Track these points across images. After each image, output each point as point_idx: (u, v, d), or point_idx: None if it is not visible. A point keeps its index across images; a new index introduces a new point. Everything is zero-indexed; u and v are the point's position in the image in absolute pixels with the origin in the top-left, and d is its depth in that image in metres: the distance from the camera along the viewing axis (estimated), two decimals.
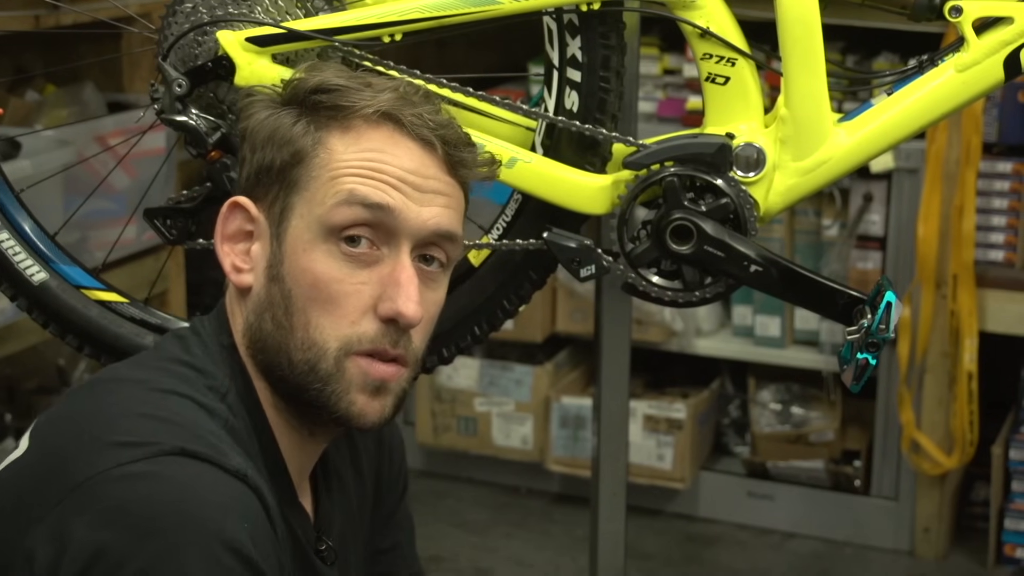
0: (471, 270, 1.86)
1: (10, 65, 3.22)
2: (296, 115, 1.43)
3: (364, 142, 1.41)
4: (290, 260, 1.41)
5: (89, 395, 1.40)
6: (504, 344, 3.76)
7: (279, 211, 1.42)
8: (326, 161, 1.41)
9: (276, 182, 1.42)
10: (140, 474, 1.26)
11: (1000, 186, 3.36)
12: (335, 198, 1.39)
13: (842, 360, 1.73)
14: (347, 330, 1.39)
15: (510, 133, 1.81)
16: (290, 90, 1.45)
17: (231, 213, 1.45)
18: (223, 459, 1.31)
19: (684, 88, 3.60)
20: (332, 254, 1.39)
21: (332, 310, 1.39)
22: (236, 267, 1.45)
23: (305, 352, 1.40)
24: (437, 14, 1.72)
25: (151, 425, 1.31)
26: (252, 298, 1.44)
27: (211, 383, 1.40)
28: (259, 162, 1.43)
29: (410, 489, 1.73)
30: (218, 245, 1.45)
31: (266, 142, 1.43)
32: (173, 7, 1.75)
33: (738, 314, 3.71)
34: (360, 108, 1.42)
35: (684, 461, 3.63)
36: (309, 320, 1.39)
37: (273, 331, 1.41)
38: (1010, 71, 1.73)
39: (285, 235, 1.41)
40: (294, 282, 1.40)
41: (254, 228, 1.44)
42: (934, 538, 3.49)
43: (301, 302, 1.40)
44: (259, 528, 1.30)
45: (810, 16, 1.73)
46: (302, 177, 1.41)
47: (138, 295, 1.90)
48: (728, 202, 1.76)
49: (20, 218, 1.85)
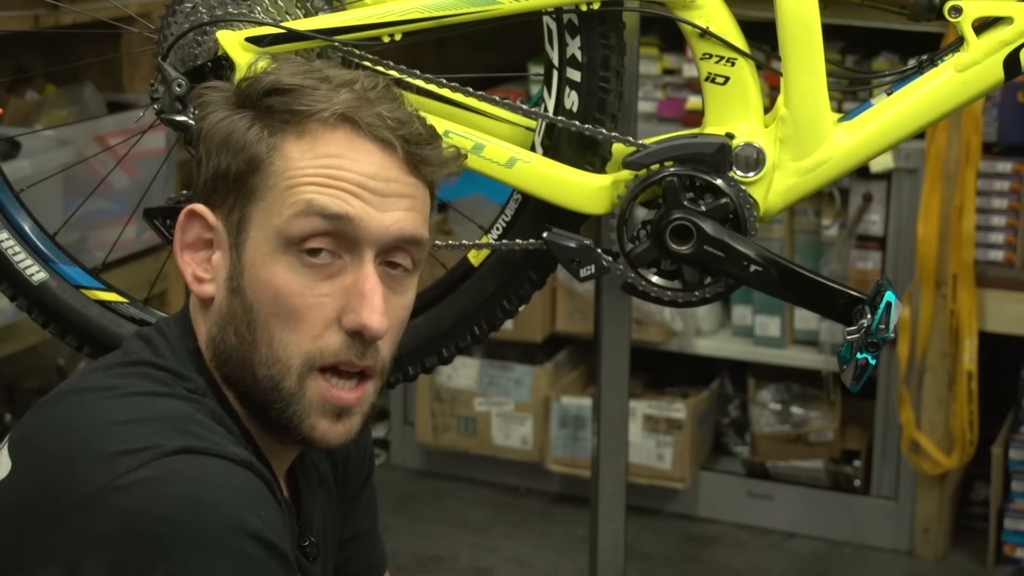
0: (471, 270, 1.86)
1: (10, 65, 3.22)
2: (251, 119, 1.38)
3: (320, 147, 1.36)
4: (250, 273, 1.36)
5: (66, 407, 1.35)
6: (504, 344, 3.76)
7: (236, 220, 1.38)
8: (282, 169, 1.36)
9: (232, 190, 1.38)
10: (147, 479, 1.24)
11: (1000, 186, 3.36)
12: (292, 208, 1.34)
13: (842, 360, 1.73)
14: (309, 345, 1.35)
15: (510, 133, 1.81)
16: (243, 91, 1.40)
17: (189, 221, 1.41)
18: (225, 449, 1.29)
19: (684, 88, 3.60)
20: (292, 266, 1.35)
21: (295, 324, 1.35)
22: (197, 277, 1.41)
23: (269, 368, 1.36)
24: (437, 14, 1.72)
25: (143, 429, 1.28)
26: (214, 309, 1.40)
27: (189, 386, 1.37)
28: (214, 168, 1.38)
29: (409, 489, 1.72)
30: (177, 254, 1.41)
31: (221, 147, 1.38)
32: (173, 7, 1.75)
33: (738, 314, 3.71)
34: (316, 112, 1.36)
35: (684, 461, 3.63)
36: (272, 335, 1.36)
37: (237, 345, 1.38)
38: (1010, 71, 1.73)
39: (244, 246, 1.37)
40: (255, 296, 1.36)
41: (213, 236, 1.40)
42: (934, 538, 3.49)
43: (263, 316, 1.36)
44: (272, 512, 1.29)
45: (810, 16, 1.73)
46: (258, 186, 1.36)
47: (138, 295, 1.90)
48: (728, 202, 1.76)
49: (20, 218, 1.85)
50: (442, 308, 1.86)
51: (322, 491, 1.56)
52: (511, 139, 1.80)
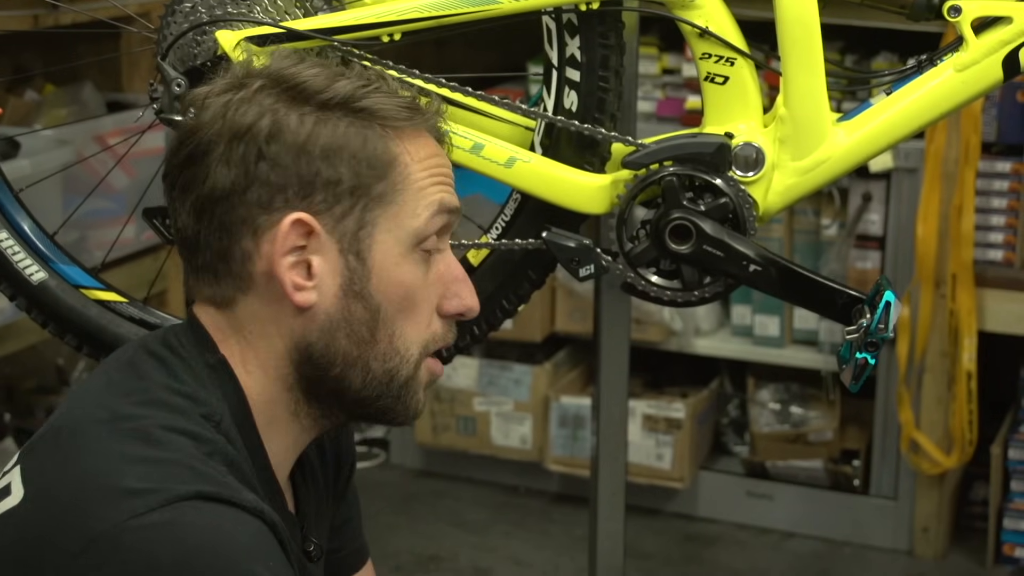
0: (470, 270, 1.86)
1: (9, 65, 3.22)
2: (354, 126, 1.38)
3: (423, 149, 1.42)
4: (379, 276, 1.39)
5: (80, 439, 1.32)
6: (503, 344, 3.75)
7: (354, 227, 1.38)
8: (407, 174, 1.40)
9: (347, 197, 1.37)
10: (160, 523, 1.23)
11: (999, 186, 3.35)
12: (428, 209, 1.40)
13: (841, 360, 1.73)
14: (424, 333, 1.42)
15: (509, 133, 1.81)
16: (318, 95, 1.38)
17: (292, 229, 1.37)
18: (239, 497, 1.28)
19: (683, 88, 3.60)
20: (418, 263, 1.41)
21: (414, 317, 1.41)
22: (298, 286, 1.38)
23: (387, 362, 1.40)
24: (436, 14, 1.72)
25: (158, 469, 1.27)
26: (318, 316, 1.38)
27: (205, 411, 1.35)
28: (314, 175, 1.36)
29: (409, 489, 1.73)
30: (276, 264, 1.37)
31: (327, 155, 1.36)
32: (172, 7, 1.75)
33: (737, 314, 3.71)
34: (411, 117, 1.41)
35: (683, 461, 3.63)
36: (394, 331, 1.40)
37: (349, 347, 1.39)
38: (1009, 71, 1.73)
39: (368, 250, 1.38)
40: (384, 296, 1.39)
41: (308, 243, 1.38)
42: (933, 538, 3.49)
43: (390, 315, 1.40)
44: (280, 563, 1.28)
45: (809, 16, 1.73)
46: (385, 191, 1.39)
47: (137, 295, 1.90)
48: (727, 202, 1.76)
49: (19, 218, 1.85)
50: None
51: (317, 488, 1.56)
52: (510, 139, 1.80)
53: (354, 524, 1.69)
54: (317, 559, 1.50)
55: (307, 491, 1.53)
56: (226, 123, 1.37)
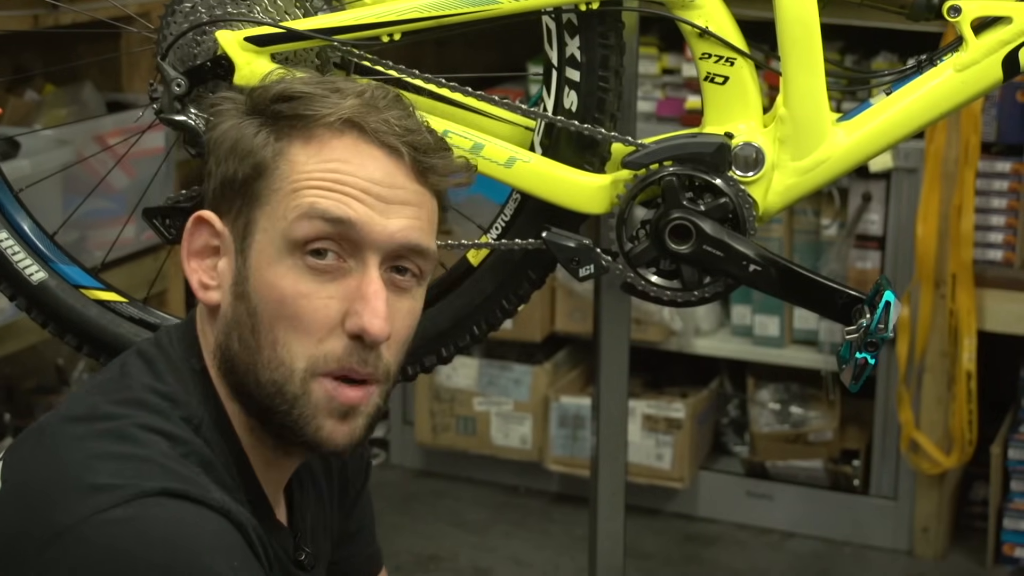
0: (470, 270, 1.86)
1: (9, 65, 3.22)
2: (258, 125, 1.38)
3: (327, 152, 1.37)
4: (255, 276, 1.36)
5: (59, 436, 1.34)
6: (503, 344, 3.75)
7: (243, 225, 1.38)
8: (287, 173, 1.36)
9: (239, 195, 1.38)
10: (122, 519, 1.24)
11: (999, 185, 3.35)
12: (296, 212, 1.35)
13: (841, 359, 1.73)
14: (313, 349, 1.35)
15: (509, 133, 1.81)
16: (253, 99, 1.40)
17: (197, 228, 1.40)
18: (205, 496, 1.28)
19: (683, 88, 3.60)
20: (297, 268, 1.35)
21: (299, 327, 1.35)
22: (203, 284, 1.40)
23: (272, 372, 1.36)
24: (436, 14, 1.72)
25: (128, 466, 1.28)
26: (220, 317, 1.40)
27: (185, 413, 1.36)
28: (223, 174, 1.39)
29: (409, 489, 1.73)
30: (185, 261, 1.41)
31: (229, 154, 1.38)
32: (172, 7, 1.75)
33: (737, 314, 3.71)
34: (322, 116, 1.37)
35: (683, 461, 3.63)
36: (276, 338, 1.35)
37: (240, 351, 1.37)
38: (1009, 70, 1.73)
39: (249, 251, 1.37)
40: (260, 299, 1.36)
41: (220, 243, 1.40)
42: (933, 538, 3.49)
43: (268, 320, 1.35)
44: (245, 563, 1.28)
45: (809, 16, 1.73)
46: (264, 190, 1.37)
47: (137, 294, 1.90)
48: (727, 201, 1.76)
49: (19, 218, 1.85)
50: (441, 308, 1.86)
51: (317, 498, 1.56)
52: (510, 139, 1.80)
53: (367, 531, 1.69)
54: (310, 568, 1.49)
55: (304, 500, 1.53)
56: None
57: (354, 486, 1.64)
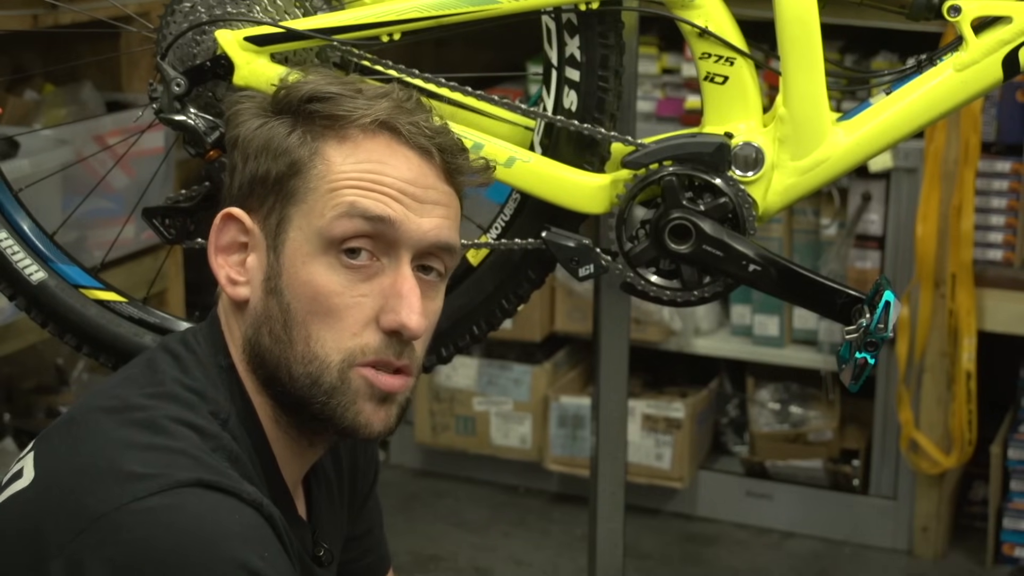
0: (470, 269, 1.86)
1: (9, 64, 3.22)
2: (290, 124, 1.41)
3: (362, 152, 1.40)
4: (289, 273, 1.39)
5: (92, 425, 1.36)
6: (503, 343, 3.75)
7: (276, 223, 1.40)
8: (324, 172, 1.39)
9: (272, 193, 1.40)
10: (159, 507, 1.25)
11: (999, 185, 3.35)
12: (335, 210, 1.38)
13: (841, 359, 1.73)
14: (349, 342, 1.38)
15: (508, 132, 1.81)
16: (281, 98, 1.43)
17: (225, 224, 1.43)
18: (239, 488, 1.30)
19: (683, 87, 3.60)
20: (332, 266, 1.38)
21: (333, 323, 1.38)
22: (231, 279, 1.43)
23: (306, 366, 1.38)
24: (435, 13, 1.72)
25: (162, 456, 1.30)
26: (249, 311, 1.42)
27: (213, 408, 1.39)
28: (252, 172, 1.41)
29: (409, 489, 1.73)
30: (211, 257, 1.44)
31: (260, 152, 1.41)
32: (172, 6, 1.75)
33: (737, 313, 3.71)
34: (357, 118, 1.40)
35: (683, 460, 3.63)
36: (310, 333, 1.38)
37: (272, 345, 1.40)
38: (1009, 70, 1.73)
39: (283, 247, 1.40)
40: (293, 295, 1.38)
41: (248, 239, 1.42)
42: (932, 537, 3.49)
43: (301, 315, 1.38)
44: (277, 555, 1.30)
45: (809, 15, 1.73)
46: (299, 189, 1.39)
47: (137, 294, 1.90)
48: (727, 201, 1.76)
49: (19, 217, 1.85)
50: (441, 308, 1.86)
51: (329, 496, 1.57)
52: (510, 138, 1.80)
53: (376, 533, 1.71)
54: (328, 564, 1.51)
55: (320, 498, 1.54)
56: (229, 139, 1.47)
57: (363, 487, 1.65)
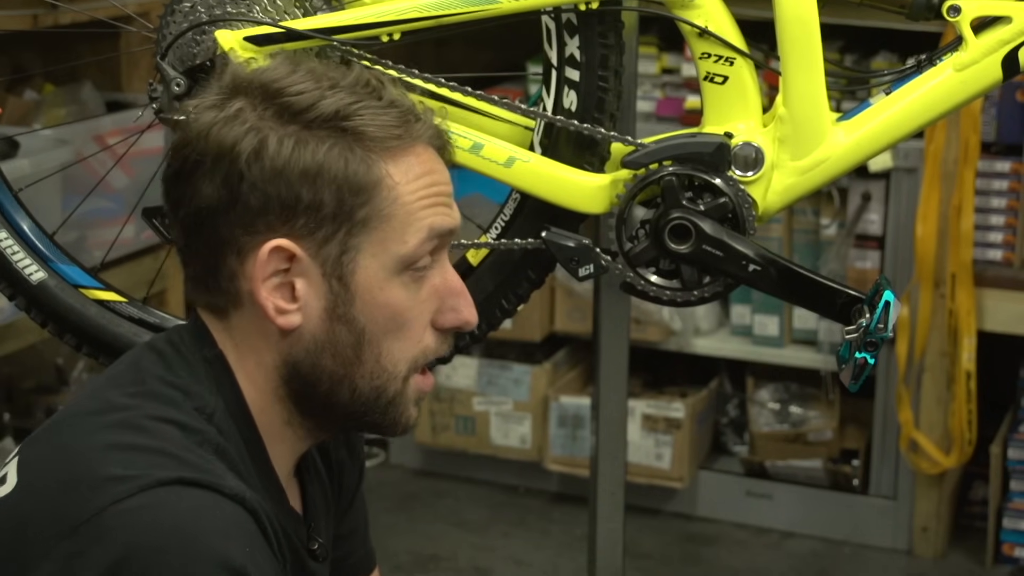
0: (469, 269, 1.86)
1: (9, 64, 3.22)
2: (335, 147, 1.35)
3: (415, 167, 1.39)
4: (363, 299, 1.38)
5: (74, 429, 1.35)
6: (502, 343, 3.75)
7: (338, 251, 1.36)
8: (393, 197, 1.37)
9: (329, 222, 1.36)
10: (139, 508, 1.25)
11: (998, 185, 3.35)
12: (417, 236, 1.37)
13: (840, 359, 1.73)
14: (414, 350, 1.41)
15: (508, 132, 1.81)
16: (291, 109, 1.36)
17: (272, 256, 1.36)
18: (220, 483, 1.29)
19: (683, 87, 3.60)
20: (406, 285, 1.39)
21: (403, 335, 1.40)
22: (281, 309, 1.38)
23: (373, 380, 1.40)
24: (435, 13, 1.72)
25: (142, 456, 1.29)
26: (300, 337, 1.39)
27: (197, 404, 1.37)
28: (295, 198, 1.35)
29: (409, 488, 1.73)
30: (257, 288, 1.37)
31: (306, 178, 1.34)
32: (172, 6, 1.75)
33: (736, 313, 3.71)
34: (406, 136, 1.38)
35: (682, 460, 3.63)
36: (381, 351, 1.39)
37: (335, 367, 1.39)
38: (1008, 70, 1.73)
39: (351, 276, 1.37)
40: (369, 319, 1.38)
41: (291, 266, 1.37)
42: (932, 537, 3.49)
43: (377, 336, 1.39)
44: (260, 550, 1.29)
45: (808, 15, 1.73)
46: (370, 216, 1.36)
47: (136, 294, 1.90)
48: (726, 201, 1.76)
49: (18, 217, 1.85)
50: None
51: (323, 492, 1.57)
52: (510, 138, 1.80)
53: (361, 531, 1.70)
54: (323, 559, 1.50)
55: (315, 493, 1.54)
56: (211, 141, 1.36)
57: (350, 483, 1.65)
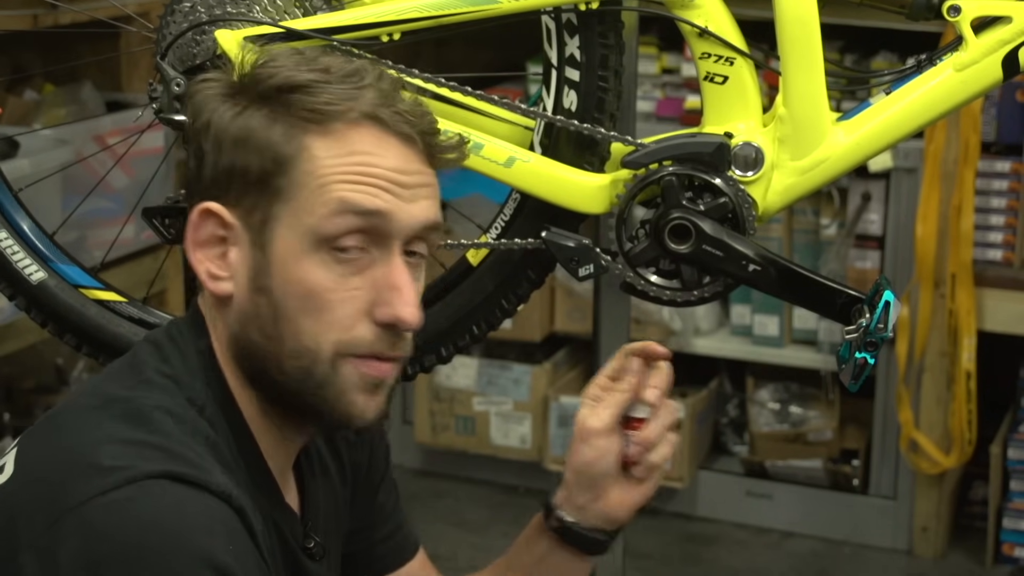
0: (469, 269, 1.86)
1: (9, 64, 3.22)
2: (269, 116, 1.37)
3: (348, 145, 1.37)
4: (279, 271, 1.37)
5: (69, 420, 1.36)
6: (502, 343, 3.76)
7: (260, 219, 1.37)
8: (311, 168, 1.36)
9: (254, 188, 1.37)
10: (124, 500, 1.25)
11: (998, 185, 3.36)
12: (326, 207, 1.35)
13: (840, 359, 1.73)
14: (341, 335, 1.37)
15: (508, 132, 1.81)
16: (248, 86, 1.39)
17: (203, 219, 1.40)
18: (207, 479, 1.29)
19: (682, 87, 3.60)
20: (325, 263, 1.36)
21: (324, 317, 1.36)
22: (213, 275, 1.40)
23: (297, 360, 1.37)
24: (435, 13, 1.72)
25: (134, 449, 1.29)
26: (234, 307, 1.40)
27: (189, 394, 1.37)
28: (230, 165, 1.38)
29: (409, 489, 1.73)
30: (190, 252, 1.40)
31: (238, 144, 1.37)
32: (171, 6, 1.75)
33: (736, 313, 3.71)
34: (341, 112, 1.37)
35: (683, 460, 3.63)
36: (300, 329, 1.36)
37: (261, 341, 1.38)
38: (1008, 70, 1.73)
39: (270, 246, 1.37)
40: (284, 293, 1.36)
41: (227, 234, 1.39)
42: (932, 537, 3.49)
43: (292, 312, 1.36)
44: (244, 548, 1.29)
45: (808, 15, 1.73)
46: (286, 186, 1.36)
47: (136, 294, 1.90)
48: (726, 201, 1.76)
49: (18, 217, 1.85)
50: (441, 307, 1.86)
51: (328, 486, 1.56)
52: (510, 138, 1.80)
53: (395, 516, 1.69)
54: (319, 558, 1.49)
55: (316, 491, 1.53)
56: (193, 123, 1.42)
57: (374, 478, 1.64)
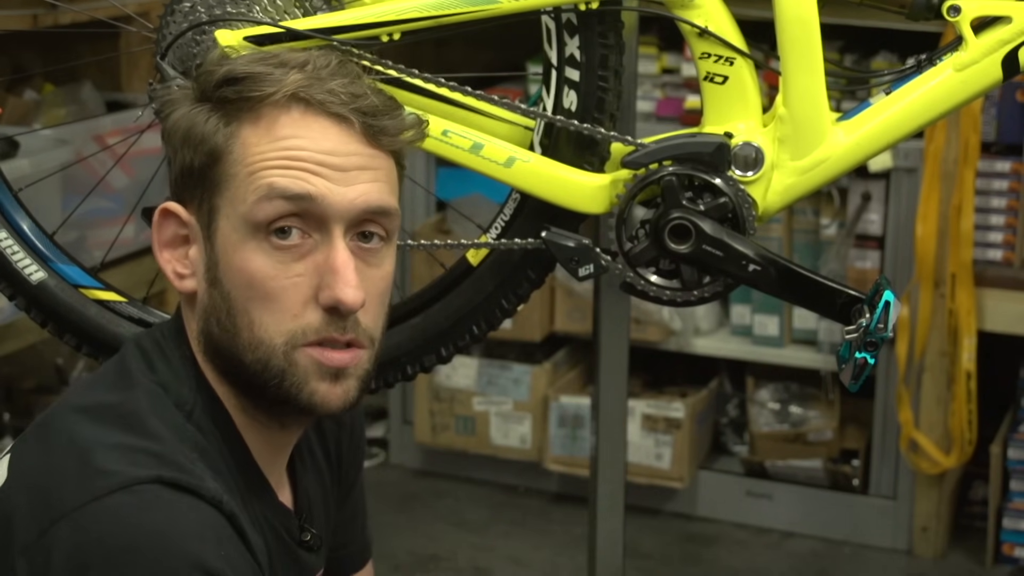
0: (469, 269, 1.86)
1: (8, 64, 3.23)
2: (208, 111, 1.39)
3: (276, 130, 1.38)
4: (224, 262, 1.38)
5: (60, 426, 1.37)
6: (502, 343, 3.75)
7: (207, 213, 1.39)
8: (241, 156, 1.37)
9: (199, 184, 1.39)
10: (116, 505, 1.26)
11: (998, 185, 3.36)
12: (255, 194, 1.36)
13: (840, 359, 1.73)
14: (290, 324, 1.37)
15: (508, 132, 1.81)
16: (200, 84, 1.41)
17: (164, 220, 1.42)
18: (199, 485, 1.30)
19: (682, 87, 3.60)
20: (263, 250, 1.37)
21: (272, 306, 1.37)
22: (178, 273, 1.43)
23: (253, 352, 1.38)
24: (435, 13, 1.72)
25: (126, 454, 1.30)
26: (198, 304, 1.42)
27: (177, 399, 1.39)
28: (181, 163, 1.41)
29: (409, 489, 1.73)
30: (157, 252, 1.43)
31: (183, 143, 1.40)
32: (171, 6, 1.75)
33: (736, 313, 3.71)
34: (267, 96, 1.38)
35: (682, 460, 3.63)
36: (252, 320, 1.37)
37: (220, 335, 1.39)
38: (1008, 70, 1.73)
39: (215, 237, 1.39)
40: (231, 283, 1.38)
41: (188, 232, 1.42)
42: (932, 537, 3.49)
43: (241, 303, 1.37)
44: (235, 553, 1.30)
45: (808, 15, 1.73)
46: (221, 176, 1.38)
47: (136, 294, 1.90)
48: (726, 201, 1.76)
49: (18, 217, 1.85)
50: (440, 307, 1.86)
51: (318, 479, 1.57)
52: (510, 138, 1.80)
53: (359, 522, 1.70)
54: (316, 549, 1.50)
55: (309, 483, 1.54)
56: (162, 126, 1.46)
57: (350, 472, 1.65)
